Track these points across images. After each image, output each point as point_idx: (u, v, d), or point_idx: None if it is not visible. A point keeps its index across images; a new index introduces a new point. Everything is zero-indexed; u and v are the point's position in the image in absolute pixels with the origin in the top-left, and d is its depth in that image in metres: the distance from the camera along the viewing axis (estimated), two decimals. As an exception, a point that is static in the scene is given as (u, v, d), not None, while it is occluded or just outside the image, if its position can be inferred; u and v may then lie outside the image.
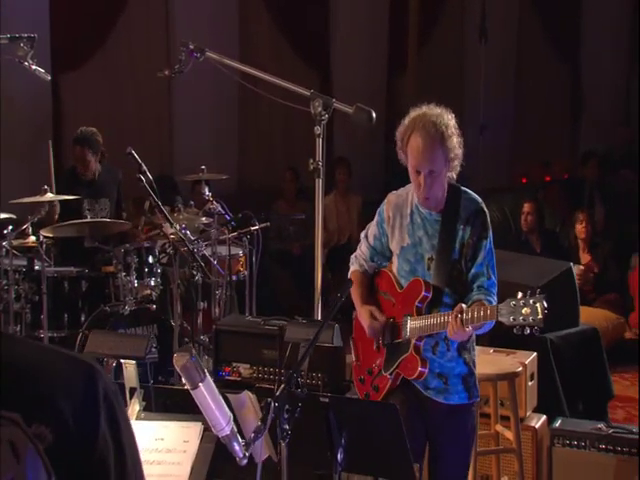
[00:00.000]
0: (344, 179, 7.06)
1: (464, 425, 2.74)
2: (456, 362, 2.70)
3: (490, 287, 2.64)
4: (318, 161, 3.46)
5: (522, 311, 2.39)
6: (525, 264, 4.51)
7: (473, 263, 2.65)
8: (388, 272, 2.81)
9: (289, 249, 6.74)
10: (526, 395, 3.55)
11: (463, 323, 2.49)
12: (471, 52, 8.21)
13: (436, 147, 2.59)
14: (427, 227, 2.70)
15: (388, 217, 2.77)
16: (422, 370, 2.65)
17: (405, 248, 2.72)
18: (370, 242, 2.85)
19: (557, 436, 3.46)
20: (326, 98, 3.49)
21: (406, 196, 2.76)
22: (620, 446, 3.35)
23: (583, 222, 6.32)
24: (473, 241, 2.65)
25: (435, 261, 2.67)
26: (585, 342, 4.31)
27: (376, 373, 2.79)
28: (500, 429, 3.38)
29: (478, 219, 2.66)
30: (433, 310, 2.65)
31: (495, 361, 3.49)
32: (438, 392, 2.70)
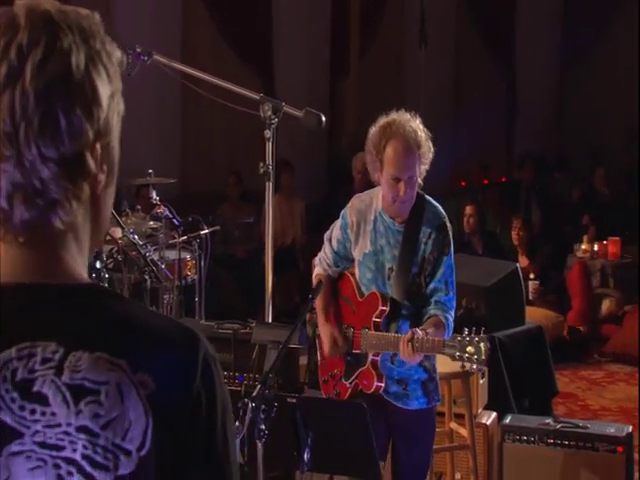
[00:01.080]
0: (288, 182, 7.09)
1: (424, 428, 2.80)
2: (415, 369, 2.75)
3: (447, 302, 2.69)
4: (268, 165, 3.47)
5: (467, 349, 2.47)
6: (472, 265, 4.61)
7: (432, 278, 2.69)
8: (350, 277, 2.84)
9: (234, 252, 6.73)
10: (478, 393, 3.65)
11: (414, 349, 2.53)
12: (411, 57, 8.34)
13: (414, 153, 2.61)
14: (389, 236, 2.71)
15: (352, 222, 2.78)
16: (378, 385, 2.70)
17: (367, 255, 2.75)
18: (334, 246, 2.85)
19: (507, 432, 3.55)
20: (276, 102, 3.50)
21: (370, 201, 2.77)
22: (567, 440, 3.46)
23: (520, 226, 6.50)
24: (434, 257, 2.68)
25: (395, 272, 2.69)
26: (531, 340, 4.44)
27: (337, 378, 2.83)
28: (454, 427, 3.47)
29: (441, 234, 2.69)
30: (392, 323, 2.69)
31: (448, 360, 3.56)
32: (398, 397, 2.75)
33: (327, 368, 2.89)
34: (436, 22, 8.17)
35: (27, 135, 0.87)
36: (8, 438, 0.87)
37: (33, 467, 0.87)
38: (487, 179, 8.87)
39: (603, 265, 6.58)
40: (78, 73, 0.89)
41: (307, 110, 3.56)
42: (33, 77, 0.87)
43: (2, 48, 0.88)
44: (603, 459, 3.41)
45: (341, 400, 2.74)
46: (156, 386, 0.88)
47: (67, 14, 0.91)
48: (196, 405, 0.90)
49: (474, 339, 2.45)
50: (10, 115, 0.87)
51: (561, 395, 5.08)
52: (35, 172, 0.88)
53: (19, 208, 0.88)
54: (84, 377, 0.87)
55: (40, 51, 0.87)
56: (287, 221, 7.08)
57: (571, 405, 5.06)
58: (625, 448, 3.40)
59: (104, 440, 0.87)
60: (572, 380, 5.50)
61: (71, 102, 0.88)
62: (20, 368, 0.87)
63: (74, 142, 0.89)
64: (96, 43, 0.91)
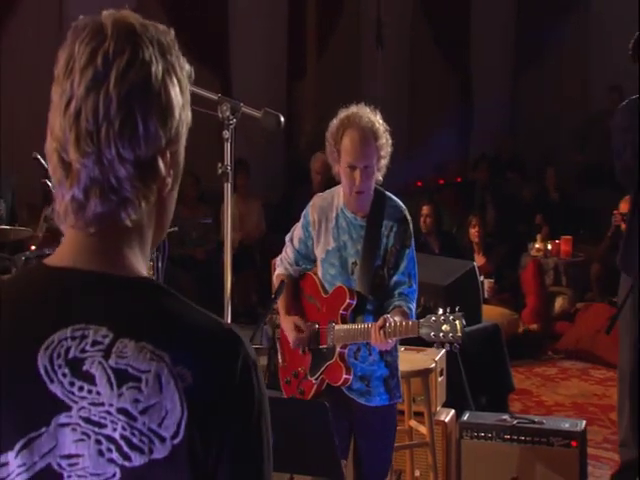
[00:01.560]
0: (244, 182, 7.09)
1: (386, 425, 2.83)
2: (377, 365, 2.79)
3: (410, 294, 2.73)
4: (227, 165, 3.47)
5: (442, 327, 2.49)
6: (430, 264, 4.66)
7: (395, 271, 2.73)
8: (313, 276, 2.85)
9: (191, 254, 6.70)
10: (436, 391, 3.69)
11: (386, 335, 2.57)
12: (368, 58, 8.40)
13: (371, 142, 2.65)
14: (352, 231, 2.75)
15: (314, 220, 2.80)
16: (347, 377, 2.72)
17: (330, 251, 2.77)
18: (295, 245, 2.87)
19: (465, 429, 3.61)
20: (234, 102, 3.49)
21: (331, 199, 2.80)
22: (523, 435, 3.53)
23: (476, 225, 6.60)
24: (396, 249, 2.72)
25: (359, 266, 2.73)
26: (487, 338, 4.52)
27: (302, 376, 2.83)
28: (414, 424, 3.50)
29: (402, 227, 2.73)
30: (357, 317, 2.72)
31: (408, 359, 3.60)
32: (360, 394, 2.77)
33: (289, 368, 2.90)
34: (392, 25, 8.24)
35: (108, 135, 0.95)
36: (58, 409, 0.93)
37: (77, 439, 0.93)
38: (443, 179, 8.97)
39: (556, 263, 6.71)
40: (156, 83, 0.97)
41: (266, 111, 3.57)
42: (117, 83, 0.95)
43: (89, 53, 0.96)
44: (558, 453, 3.48)
45: (302, 399, 2.75)
46: (194, 381, 0.93)
47: (148, 28, 1.00)
48: (232, 405, 0.94)
49: (449, 317, 2.49)
50: (94, 115, 0.94)
51: (517, 392, 5.17)
52: (113, 170, 0.95)
53: (94, 201, 0.96)
54: (128, 363, 0.93)
55: (124, 60, 0.96)
56: (243, 221, 7.08)
57: (526, 401, 5.15)
58: (579, 442, 3.49)
59: (141, 424, 0.92)
60: (527, 377, 5.60)
61: (149, 109, 0.96)
62: (73, 347, 0.94)
63: (149, 147, 0.97)
64: (172, 57, 1.00)
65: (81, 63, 0.96)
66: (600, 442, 4.44)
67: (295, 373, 2.86)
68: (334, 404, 2.72)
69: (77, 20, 1.00)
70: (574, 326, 6.11)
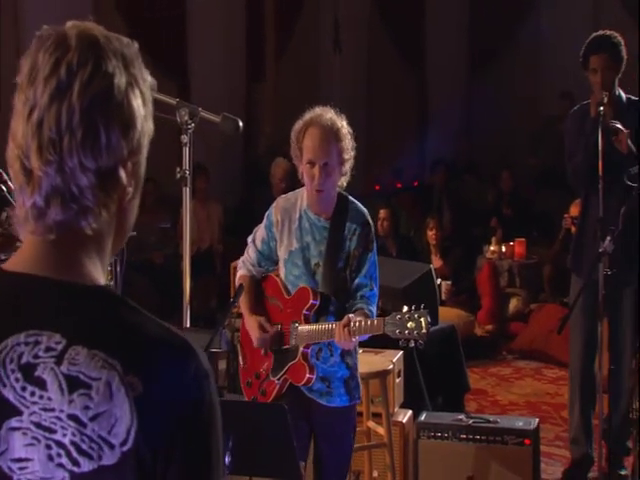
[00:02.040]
0: (203, 186, 7.07)
1: (345, 426, 2.86)
2: (338, 366, 2.82)
3: (372, 297, 2.77)
4: (185, 170, 3.47)
5: (407, 325, 2.51)
6: (387, 267, 4.70)
7: (357, 274, 2.76)
8: (275, 277, 2.87)
9: (150, 258, 6.66)
10: (394, 392, 3.74)
11: (350, 333, 2.59)
12: (326, 62, 8.44)
13: (331, 141, 2.68)
14: (315, 233, 2.78)
15: (277, 221, 2.82)
16: (310, 376, 2.74)
17: (293, 252, 2.79)
18: (258, 246, 2.89)
19: (422, 429, 3.65)
20: (192, 107, 3.50)
21: (295, 200, 2.83)
22: (479, 435, 3.59)
23: (433, 228, 6.69)
24: (359, 252, 2.76)
25: (322, 268, 2.76)
26: (444, 339, 4.58)
27: (264, 377, 2.84)
28: (372, 425, 3.54)
29: (364, 231, 2.77)
30: (320, 317, 2.74)
31: (366, 360, 3.64)
32: (321, 395, 2.80)
33: (250, 370, 2.90)
34: (350, 29, 8.30)
35: (70, 145, 0.96)
36: (9, 414, 0.95)
37: (28, 444, 0.95)
38: (400, 183, 9.05)
39: (510, 265, 6.82)
40: (119, 95, 0.99)
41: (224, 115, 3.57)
42: (80, 93, 0.97)
43: (53, 63, 0.98)
44: (512, 452, 3.55)
45: (261, 402, 2.76)
46: (144, 390, 0.94)
47: (112, 41, 1.02)
48: (182, 415, 0.95)
49: (414, 314, 2.51)
50: (56, 124, 0.96)
51: (472, 391, 5.25)
52: (74, 179, 0.97)
53: (55, 209, 0.97)
54: (80, 370, 0.95)
55: (88, 71, 0.97)
56: (203, 225, 7.05)
57: (481, 401, 5.23)
58: (532, 440, 3.56)
59: (91, 431, 0.94)
60: (482, 377, 5.68)
61: (111, 120, 0.98)
62: (26, 352, 0.96)
63: (111, 156, 0.98)
64: (135, 69, 1.02)
65: (45, 72, 0.97)
66: (552, 439, 4.54)
67: (257, 374, 2.87)
68: (294, 405, 2.74)
69: (41, 29, 1.02)
70: (528, 326, 6.22)
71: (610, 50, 3.89)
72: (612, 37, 3.96)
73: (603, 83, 3.86)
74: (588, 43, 3.96)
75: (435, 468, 3.63)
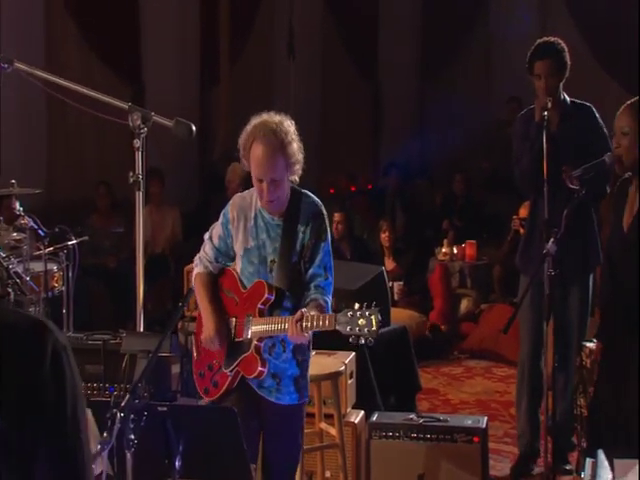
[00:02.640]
0: (157, 191, 7.00)
1: (294, 425, 2.86)
2: (289, 364, 2.82)
3: (326, 287, 2.77)
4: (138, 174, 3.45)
5: (358, 322, 2.52)
6: (340, 269, 4.70)
7: (311, 264, 2.76)
8: (232, 271, 2.88)
9: (104, 263, 6.57)
10: (346, 393, 3.74)
11: (302, 328, 2.60)
12: (280, 67, 8.44)
13: (277, 156, 2.67)
14: (270, 231, 2.79)
15: (233, 218, 2.83)
16: (261, 369, 2.74)
17: (249, 250, 2.80)
18: (215, 243, 2.89)
19: (374, 429, 3.66)
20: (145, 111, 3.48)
21: (251, 199, 2.83)
22: (429, 433, 3.62)
23: (386, 231, 6.73)
24: (312, 242, 2.76)
25: (277, 264, 2.77)
26: (396, 340, 4.60)
27: (216, 369, 2.84)
28: (324, 426, 3.54)
29: (317, 221, 2.77)
30: (274, 312, 2.75)
31: (318, 362, 3.64)
32: (270, 392, 2.80)
33: (204, 361, 2.90)
34: (304, 35, 8.31)
35: None
36: None
37: None
38: (354, 187, 9.08)
39: (461, 267, 6.90)
40: None
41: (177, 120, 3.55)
42: None
43: None
44: (461, 449, 3.59)
45: (211, 406, 2.75)
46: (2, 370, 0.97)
47: None
48: (43, 390, 0.99)
49: (365, 312, 2.52)
50: None
51: (424, 391, 5.29)
52: None
53: None
54: None
55: None
56: (158, 230, 6.99)
57: (433, 400, 5.27)
58: (481, 438, 3.60)
59: None
60: (434, 376, 5.73)
61: None
62: None
63: None
64: None
65: None
66: (501, 437, 4.60)
67: (209, 365, 2.86)
68: (244, 402, 2.77)
69: None
70: (478, 326, 6.29)
71: (554, 56, 3.96)
72: (556, 44, 4.03)
73: (547, 88, 3.94)
74: (533, 49, 4.03)
75: (387, 467, 3.64)
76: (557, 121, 3.98)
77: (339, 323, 2.54)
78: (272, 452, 2.84)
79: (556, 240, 3.11)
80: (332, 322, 2.56)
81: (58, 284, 4.76)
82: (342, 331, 2.53)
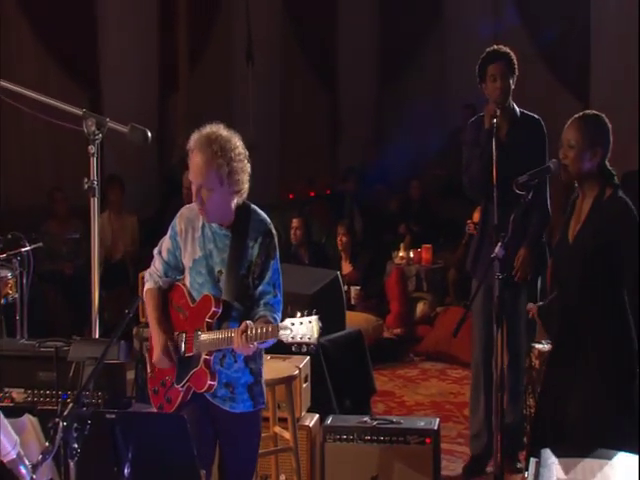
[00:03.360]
0: (117, 198, 6.93)
1: (250, 431, 2.85)
2: (242, 372, 2.81)
3: (275, 304, 2.78)
4: (93, 180, 3.41)
5: (300, 330, 2.52)
6: (297, 274, 4.72)
7: (260, 281, 2.76)
8: (182, 286, 2.86)
9: (61, 269, 6.47)
10: (301, 397, 3.74)
11: (248, 340, 2.60)
12: (239, 74, 8.40)
13: (209, 166, 2.66)
14: (217, 241, 2.77)
15: (181, 230, 2.82)
16: (211, 383, 2.73)
17: (197, 260, 2.79)
18: (164, 257, 2.87)
19: (328, 432, 3.66)
20: (99, 117, 3.43)
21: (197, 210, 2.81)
22: (383, 436, 3.63)
23: (344, 235, 6.75)
24: (261, 260, 2.76)
25: (225, 275, 2.75)
26: (351, 343, 4.60)
27: (169, 385, 2.82)
28: (278, 430, 3.53)
29: (266, 240, 2.78)
30: (223, 324, 2.73)
31: (273, 367, 3.64)
32: (224, 401, 2.79)
33: (157, 378, 2.88)
34: (262, 42, 8.28)
35: None
36: None
37: None
38: (313, 192, 9.09)
39: (418, 270, 6.93)
40: None
41: (132, 126, 3.51)
42: None
43: None
44: (413, 451, 3.60)
45: (160, 413, 2.72)
46: None
47: None
48: None
49: (306, 320, 2.52)
50: None
51: (380, 393, 5.31)
52: None
53: None
54: None
55: None
56: (117, 236, 6.91)
57: (389, 402, 5.29)
58: (432, 439, 3.62)
59: None
60: (390, 379, 5.75)
61: None
62: None
63: None
64: None
65: None
66: (455, 437, 4.63)
67: (162, 382, 2.85)
68: (199, 412, 2.76)
69: None
70: (433, 329, 6.33)
71: (506, 59, 4.02)
72: (506, 51, 4.09)
73: (502, 89, 3.96)
74: (485, 55, 4.07)
75: (341, 470, 3.64)
76: (506, 129, 4.03)
77: (282, 332, 2.54)
78: (229, 459, 2.83)
79: (503, 244, 3.14)
80: (275, 332, 2.56)
81: (12, 291, 4.66)
82: (284, 340, 2.53)
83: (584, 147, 2.96)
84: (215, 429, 2.79)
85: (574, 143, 2.98)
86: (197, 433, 2.73)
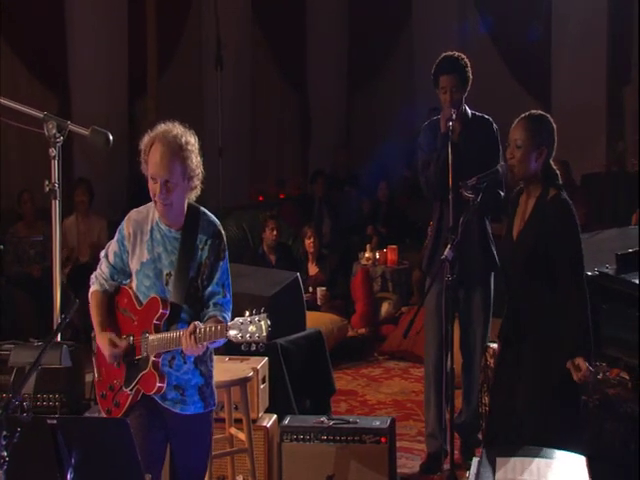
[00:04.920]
0: (84, 200, 6.85)
1: (201, 433, 2.80)
2: (192, 374, 2.76)
3: (225, 304, 2.73)
4: (54, 183, 3.36)
5: (249, 329, 2.48)
6: (259, 276, 4.69)
7: (210, 282, 2.72)
8: (128, 289, 2.80)
9: (29, 272, 6.37)
10: (258, 397, 3.69)
11: (196, 340, 2.56)
12: (209, 79, 8.34)
13: (174, 159, 2.63)
14: (166, 244, 2.72)
15: (128, 234, 2.76)
16: (160, 385, 2.68)
17: (144, 264, 2.73)
18: (110, 260, 2.82)
19: (285, 432, 3.63)
20: (60, 120, 3.38)
21: (147, 213, 2.77)
22: (339, 435, 3.61)
23: (311, 237, 6.70)
24: (210, 261, 2.72)
25: (173, 277, 2.70)
26: (311, 344, 4.56)
27: (117, 389, 2.76)
28: (234, 431, 3.48)
29: (216, 241, 2.73)
30: (171, 326, 2.68)
31: (229, 368, 3.60)
32: (175, 403, 2.74)
33: (105, 382, 2.82)
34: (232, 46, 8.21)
35: None
36: None
37: None
38: (283, 194, 9.05)
39: (383, 271, 6.91)
40: None
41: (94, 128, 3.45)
42: None
43: None
44: (369, 450, 3.58)
45: (103, 418, 2.67)
46: None
47: None
48: None
49: (255, 319, 2.49)
50: None
51: (343, 393, 5.29)
52: None
53: None
54: None
55: None
56: (85, 239, 6.83)
57: (351, 401, 5.25)
58: (388, 438, 3.60)
59: None
60: (354, 378, 5.72)
61: None
62: None
63: None
64: None
65: None
66: (414, 435, 4.61)
67: (110, 386, 2.79)
68: (149, 414, 2.70)
69: None
70: (397, 328, 6.30)
71: (458, 71, 4.00)
72: (460, 59, 4.07)
73: (452, 101, 3.97)
74: (437, 63, 4.07)
75: (298, 469, 3.61)
76: (459, 132, 4.02)
77: (230, 331, 2.50)
78: (180, 461, 2.77)
79: (453, 246, 3.12)
80: (224, 331, 2.52)
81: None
82: (233, 339, 2.49)
83: (531, 146, 2.95)
84: (166, 432, 2.74)
85: (521, 143, 2.97)
86: (147, 436, 2.68)
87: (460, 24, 9.40)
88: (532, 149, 2.95)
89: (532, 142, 2.95)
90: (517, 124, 3.02)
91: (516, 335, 2.98)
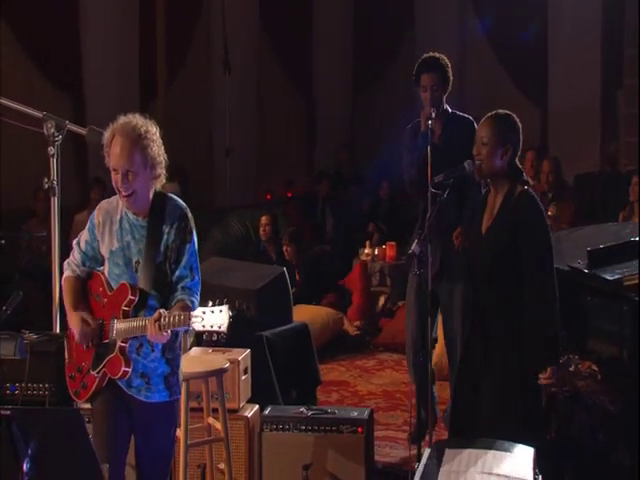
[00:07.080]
0: (97, 198, 6.82)
1: (165, 422, 2.72)
2: (159, 362, 2.69)
3: (193, 287, 2.67)
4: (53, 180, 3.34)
5: (210, 319, 2.43)
6: (247, 271, 4.62)
7: (177, 266, 2.66)
8: (100, 275, 2.76)
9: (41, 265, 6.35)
10: (239, 388, 3.61)
11: (160, 328, 2.49)
12: (217, 82, 8.28)
13: (134, 149, 2.58)
14: (134, 232, 2.68)
15: (99, 222, 2.73)
16: (125, 370, 2.62)
17: (114, 252, 2.69)
18: (82, 247, 2.78)
19: (266, 422, 3.55)
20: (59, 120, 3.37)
21: (117, 203, 2.73)
22: (317, 425, 3.51)
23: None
24: (177, 245, 2.66)
25: (142, 264, 2.66)
26: (297, 337, 4.47)
27: (85, 371, 2.71)
28: (212, 421, 3.40)
29: (182, 223, 2.68)
30: (140, 312, 2.63)
31: (209, 360, 3.52)
32: (140, 391, 2.67)
33: (74, 364, 2.78)
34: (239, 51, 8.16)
35: None
36: None
37: None
38: (290, 193, 8.97)
39: (382, 266, 6.80)
40: None
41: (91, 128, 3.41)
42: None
43: None
44: (346, 440, 3.49)
45: (55, 408, 2.60)
46: None
47: None
48: None
49: (217, 309, 2.43)
50: None
51: (336, 384, 5.20)
52: None
53: None
54: None
55: None
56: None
57: (343, 392, 5.16)
58: (365, 428, 3.49)
59: None
60: (348, 369, 5.62)
61: None
62: None
63: None
64: None
65: None
66: (400, 425, 4.51)
67: (79, 368, 2.74)
68: (115, 403, 2.65)
69: None
70: (393, 321, 6.20)
71: (439, 70, 3.92)
72: (441, 59, 3.99)
73: (432, 100, 3.88)
74: (419, 63, 3.98)
75: (277, 458, 3.53)
76: (440, 131, 3.93)
77: (194, 321, 2.42)
78: (144, 449, 2.70)
79: (420, 241, 3.02)
80: (187, 319, 2.46)
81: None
82: (196, 328, 2.42)
83: (496, 144, 2.89)
84: (130, 420, 2.67)
85: (487, 140, 2.90)
86: (111, 423, 2.64)
87: (460, 27, 9.27)
88: (497, 147, 2.89)
89: (497, 140, 2.89)
90: (483, 122, 2.95)
91: (482, 333, 2.86)
